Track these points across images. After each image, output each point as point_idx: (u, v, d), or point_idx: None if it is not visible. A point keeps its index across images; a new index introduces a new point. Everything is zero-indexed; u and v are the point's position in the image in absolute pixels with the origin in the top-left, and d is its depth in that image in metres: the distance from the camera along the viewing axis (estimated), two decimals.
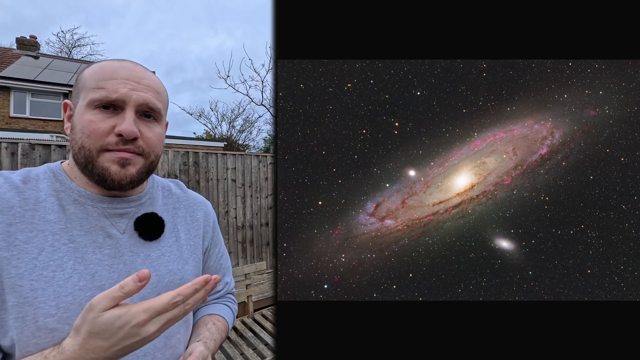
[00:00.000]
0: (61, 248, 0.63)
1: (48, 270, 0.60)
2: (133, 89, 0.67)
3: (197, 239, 0.85)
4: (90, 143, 0.64)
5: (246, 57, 26.42)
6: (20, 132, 10.93)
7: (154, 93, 0.70)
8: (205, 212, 0.91)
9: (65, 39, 23.88)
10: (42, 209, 0.64)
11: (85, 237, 0.66)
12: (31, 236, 0.61)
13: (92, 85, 0.65)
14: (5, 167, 3.12)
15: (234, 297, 1.03)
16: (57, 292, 0.60)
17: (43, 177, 0.68)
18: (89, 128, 0.64)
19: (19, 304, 0.58)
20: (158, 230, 0.76)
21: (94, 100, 0.64)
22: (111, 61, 0.71)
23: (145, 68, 0.74)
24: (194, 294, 0.54)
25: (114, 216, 0.71)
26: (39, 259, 0.60)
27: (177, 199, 0.86)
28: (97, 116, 0.64)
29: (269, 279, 4.05)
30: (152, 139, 0.70)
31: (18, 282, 0.58)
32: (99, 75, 0.66)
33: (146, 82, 0.69)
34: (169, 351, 0.73)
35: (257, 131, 25.25)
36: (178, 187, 0.90)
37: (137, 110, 0.67)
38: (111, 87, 0.65)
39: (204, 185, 4.34)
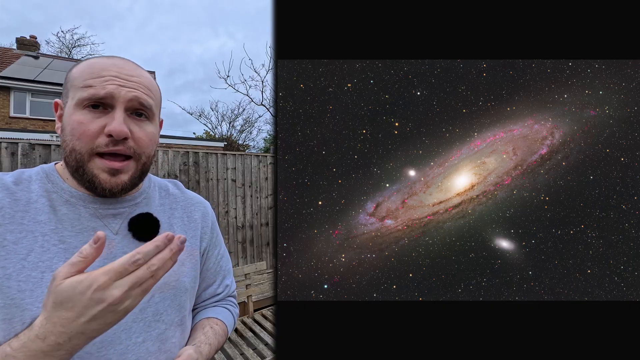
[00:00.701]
0: (51, 249, 0.61)
1: (37, 272, 0.59)
2: (122, 85, 0.64)
3: (194, 240, 0.83)
4: (80, 146, 0.62)
5: (246, 57, 26.41)
6: (20, 132, 10.93)
7: (145, 90, 0.68)
8: (203, 212, 0.89)
9: (65, 39, 23.87)
10: (32, 210, 0.63)
11: (76, 237, 0.64)
12: (20, 237, 0.60)
13: (80, 84, 0.64)
14: (5, 167, 3.12)
15: (235, 300, 1.00)
16: (45, 293, 0.57)
17: (35, 178, 0.67)
18: (79, 130, 0.62)
19: (6, 305, 0.56)
20: (152, 231, 0.73)
21: (83, 99, 0.63)
22: (100, 58, 0.68)
23: (136, 65, 0.71)
24: (155, 251, 0.51)
25: (106, 217, 0.69)
26: (27, 259, 0.59)
27: (175, 199, 0.84)
28: (86, 116, 0.62)
29: (269, 279, 4.05)
30: (143, 139, 0.68)
31: (5, 283, 0.57)
32: (87, 73, 0.64)
33: (136, 79, 0.67)
34: (163, 355, 0.70)
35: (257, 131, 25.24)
36: (176, 187, 0.89)
37: (128, 108, 0.65)
38: (99, 85, 0.63)
39: (204, 185, 4.34)
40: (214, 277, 0.92)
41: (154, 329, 0.69)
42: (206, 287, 0.92)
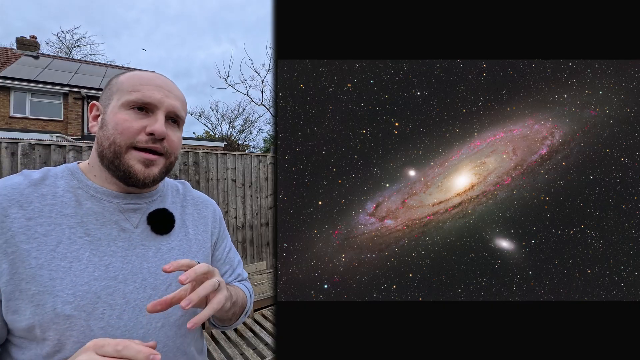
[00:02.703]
0: (77, 241, 0.68)
1: (65, 261, 0.65)
2: (166, 96, 0.75)
3: (205, 234, 0.91)
4: (121, 139, 0.70)
5: (246, 57, 26.41)
6: (20, 132, 10.93)
7: (181, 103, 0.80)
8: (211, 209, 0.98)
9: (65, 39, 23.87)
10: (59, 204, 0.69)
11: (100, 230, 0.71)
12: (49, 229, 0.66)
13: (129, 89, 0.73)
14: (5, 167, 3.11)
15: (249, 284, 1.10)
16: (74, 281, 0.64)
17: (61, 175, 0.75)
18: (123, 125, 0.70)
19: (39, 292, 0.62)
20: (169, 225, 0.81)
21: (130, 101, 0.72)
22: (146, 71, 0.81)
23: (174, 83, 0.83)
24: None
25: (127, 211, 0.77)
26: (57, 250, 0.65)
27: (184, 197, 0.93)
28: (130, 115, 0.71)
29: (269, 279, 4.05)
30: (174, 142, 0.78)
31: (38, 272, 0.62)
32: (136, 81, 0.75)
33: (176, 93, 0.79)
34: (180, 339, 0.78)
35: (257, 131, 25.25)
36: (185, 187, 0.98)
37: (167, 115, 0.76)
38: (147, 92, 0.73)
39: (204, 185, 4.34)
40: (224, 267, 1.01)
41: (172, 315, 0.76)
42: None
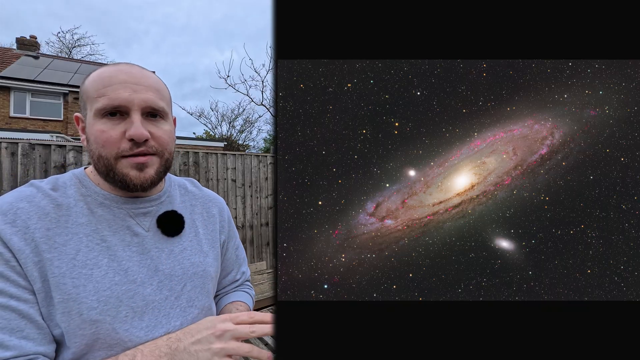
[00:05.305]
0: (95, 248, 0.69)
1: (86, 269, 0.66)
2: (134, 91, 0.68)
3: (214, 233, 0.92)
4: (106, 152, 0.68)
5: (246, 57, 26.42)
6: (20, 132, 10.93)
7: (155, 92, 0.72)
8: (220, 208, 0.98)
9: (65, 39, 23.88)
10: (73, 213, 0.69)
11: (114, 236, 0.71)
12: (67, 239, 0.66)
13: (94, 95, 0.68)
14: (5, 167, 3.11)
15: (250, 284, 1.13)
16: (96, 287, 0.66)
17: (70, 183, 0.74)
18: (102, 138, 0.68)
19: (64, 300, 0.63)
20: (179, 227, 0.82)
21: (99, 109, 0.67)
22: (108, 67, 0.73)
23: (141, 67, 0.75)
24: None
25: (138, 215, 0.76)
26: (77, 258, 0.66)
27: (193, 196, 0.92)
28: (106, 125, 0.68)
29: (269, 279, 4.05)
30: (162, 137, 0.73)
31: (61, 281, 0.64)
32: (98, 84, 0.69)
33: (145, 83, 0.71)
34: None
35: (257, 131, 25.26)
36: (193, 185, 0.97)
37: (142, 112, 0.70)
38: (112, 94, 0.67)
39: (204, 185, 4.34)
40: (232, 266, 1.03)
41: (189, 313, 0.78)
42: (226, 274, 1.03)
